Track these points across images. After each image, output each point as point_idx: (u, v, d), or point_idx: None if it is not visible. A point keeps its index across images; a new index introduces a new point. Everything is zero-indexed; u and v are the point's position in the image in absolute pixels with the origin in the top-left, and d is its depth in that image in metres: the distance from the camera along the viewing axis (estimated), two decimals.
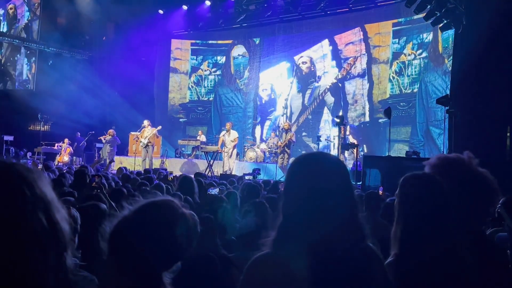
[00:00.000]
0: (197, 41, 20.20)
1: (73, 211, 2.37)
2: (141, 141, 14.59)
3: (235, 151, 14.16)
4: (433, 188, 1.82)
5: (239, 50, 19.77)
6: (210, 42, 20.16)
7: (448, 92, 12.05)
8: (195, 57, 20.41)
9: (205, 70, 20.26)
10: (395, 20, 15.84)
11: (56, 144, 16.80)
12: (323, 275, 1.33)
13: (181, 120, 19.96)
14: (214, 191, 4.94)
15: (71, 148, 16.64)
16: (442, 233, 1.75)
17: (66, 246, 1.07)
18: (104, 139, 16.10)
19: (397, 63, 15.79)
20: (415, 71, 15.25)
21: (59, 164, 14.85)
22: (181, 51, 20.42)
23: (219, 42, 20.03)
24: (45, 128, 19.16)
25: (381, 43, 16.26)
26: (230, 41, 19.82)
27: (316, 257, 1.33)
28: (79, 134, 17.32)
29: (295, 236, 1.39)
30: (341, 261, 1.34)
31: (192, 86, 20.39)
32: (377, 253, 1.48)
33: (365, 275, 1.38)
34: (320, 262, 1.33)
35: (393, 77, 15.83)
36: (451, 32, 12.53)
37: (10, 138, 16.99)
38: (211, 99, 20.16)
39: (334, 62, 17.33)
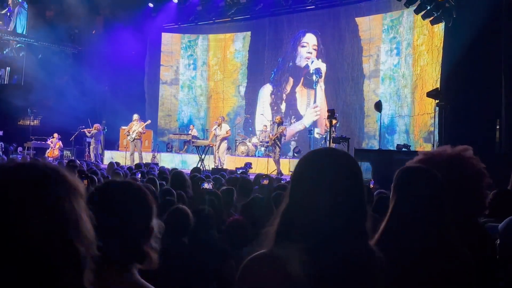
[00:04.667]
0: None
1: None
2: (128, 135, 14.58)
3: (224, 144, 14.10)
4: (428, 180, 1.83)
5: (234, 44, 19.72)
6: (210, 35, 20.08)
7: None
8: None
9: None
10: (390, 13, 15.85)
11: (48, 140, 16.66)
12: (322, 276, 1.30)
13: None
14: (208, 184, 4.95)
15: (60, 142, 16.53)
16: (434, 226, 1.75)
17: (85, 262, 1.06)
18: (89, 132, 16.02)
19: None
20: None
21: (50, 158, 14.76)
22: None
23: (218, 36, 19.96)
24: (35, 122, 19.01)
25: (375, 35, 16.28)
26: (227, 35, 19.75)
27: (316, 258, 1.30)
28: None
29: (296, 235, 1.35)
30: (342, 262, 1.31)
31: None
32: (378, 253, 1.45)
33: (367, 276, 1.35)
34: (319, 263, 1.30)
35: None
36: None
37: (0, 133, 16.85)
38: (212, 93, 20.17)
39: (326, 57, 17.35)
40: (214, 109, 19.82)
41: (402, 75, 15.50)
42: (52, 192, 1.02)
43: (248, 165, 11.98)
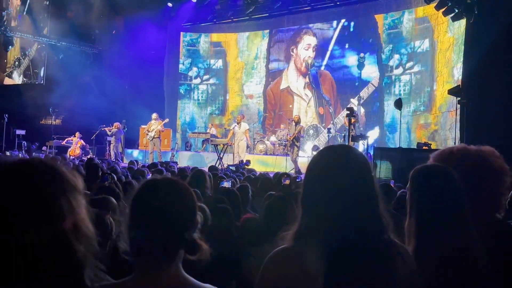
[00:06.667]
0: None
1: (107, 219, 2.38)
2: (147, 134, 14.70)
3: (243, 142, 14.10)
4: (445, 179, 1.80)
5: (237, 43, 19.75)
6: (212, 34, 20.15)
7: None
8: (208, 50, 20.38)
9: (217, 64, 20.22)
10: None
11: (66, 139, 16.87)
12: (342, 270, 1.32)
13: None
14: (227, 183, 4.94)
15: (82, 141, 16.75)
16: (457, 224, 1.73)
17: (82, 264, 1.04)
18: (110, 131, 16.18)
19: (409, 53, 15.68)
20: (428, 62, 15.13)
21: (71, 157, 14.95)
22: (197, 45, 20.42)
23: (221, 35, 20.00)
24: (57, 122, 19.31)
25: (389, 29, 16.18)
26: (228, 34, 19.78)
27: (336, 252, 1.33)
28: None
29: (315, 231, 1.38)
30: (361, 255, 1.34)
31: (199, 79, 20.46)
32: (400, 245, 1.47)
33: (386, 268, 1.37)
34: (339, 257, 1.32)
35: (406, 68, 15.73)
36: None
37: (22, 132, 17.14)
38: (215, 91, 20.24)
39: (346, 53, 17.23)
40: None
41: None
42: (47, 191, 1.01)
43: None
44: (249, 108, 19.24)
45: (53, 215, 0.99)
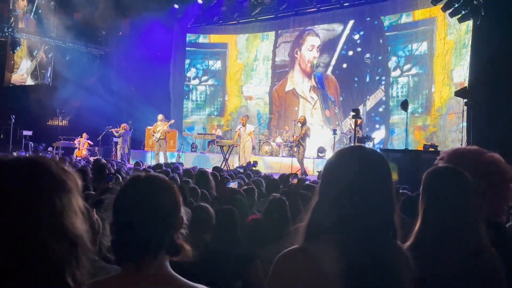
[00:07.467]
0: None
1: (92, 215, 2.37)
2: (153, 135, 14.73)
3: (249, 143, 14.10)
4: (458, 180, 1.79)
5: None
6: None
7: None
8: (208, 52, 20.45)
9: (216, 65, 20.28)
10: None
11: (75, 140, 16.95)
12: (354, 272, 1.31)
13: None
14: (234, 184, 4.95)
15: (89, 141, 16.81)
16: (470, 226, 1.72)
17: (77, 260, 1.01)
18: (117, 132, 16.22)
19: (409, 54, 15.66)
20: (428, 63, 15.13)
21: (78, 158, 15.00)
22: (197, 46, 20.49)
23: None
24: (63, 123, 19.39)
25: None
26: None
27: (348, 254, 1.32)
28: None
29: (328, 232, 1.36)
30: (373, 259, 1.33)
31: (198, 80, 20.56)
32: (404, 251, 1.47)
33: (395, 273, 1.36)
34: (351, 259, 1.31)
35: (405, 70, 15.76)
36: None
37: (29, 133, 17.22)
38: (215, 92, 20.27)
39: (352, 55, 17.20)
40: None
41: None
42: (24, 190, 0.97)
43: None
44: (248, 109, 19.18)
45: (28, 215, 0.96)
